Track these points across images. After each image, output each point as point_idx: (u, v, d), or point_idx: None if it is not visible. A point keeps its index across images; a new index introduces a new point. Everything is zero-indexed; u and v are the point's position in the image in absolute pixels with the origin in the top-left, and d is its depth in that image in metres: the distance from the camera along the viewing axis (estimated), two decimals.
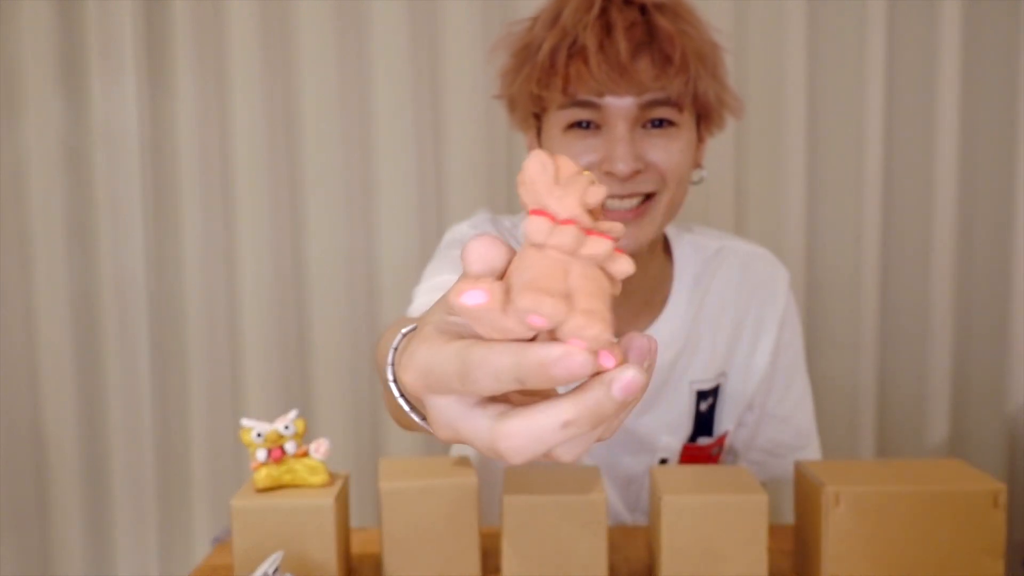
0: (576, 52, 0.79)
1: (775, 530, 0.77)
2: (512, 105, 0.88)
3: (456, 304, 0.30)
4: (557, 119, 0.83)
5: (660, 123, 0.81)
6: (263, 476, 0.71)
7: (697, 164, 0.88)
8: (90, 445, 1.50)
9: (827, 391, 1.40)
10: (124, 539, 1.50)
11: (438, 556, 0.72)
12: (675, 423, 0.95)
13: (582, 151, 0.81)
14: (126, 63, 1.42)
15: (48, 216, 1.45)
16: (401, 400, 0.41)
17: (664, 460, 0.96)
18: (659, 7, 0.80)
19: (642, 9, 0.79)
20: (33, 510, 1.51)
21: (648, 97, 0.79)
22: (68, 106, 1.45)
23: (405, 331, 0.43)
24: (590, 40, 0.77)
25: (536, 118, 0.87)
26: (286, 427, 0.71)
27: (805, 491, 0.73)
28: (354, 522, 0.84)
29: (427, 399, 0.33)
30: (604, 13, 0.79)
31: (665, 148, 0.81)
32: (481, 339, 0.31)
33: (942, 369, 1.49)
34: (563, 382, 0.29)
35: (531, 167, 0.32)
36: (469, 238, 0.45)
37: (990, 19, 1.45)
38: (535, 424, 0.30)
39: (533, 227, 0.31)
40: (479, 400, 0.32)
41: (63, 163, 1.45)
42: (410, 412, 0.41)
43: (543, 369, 0.28)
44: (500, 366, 0.29)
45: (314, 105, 1.44)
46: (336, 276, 1.48)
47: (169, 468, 1.50)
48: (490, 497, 0.97)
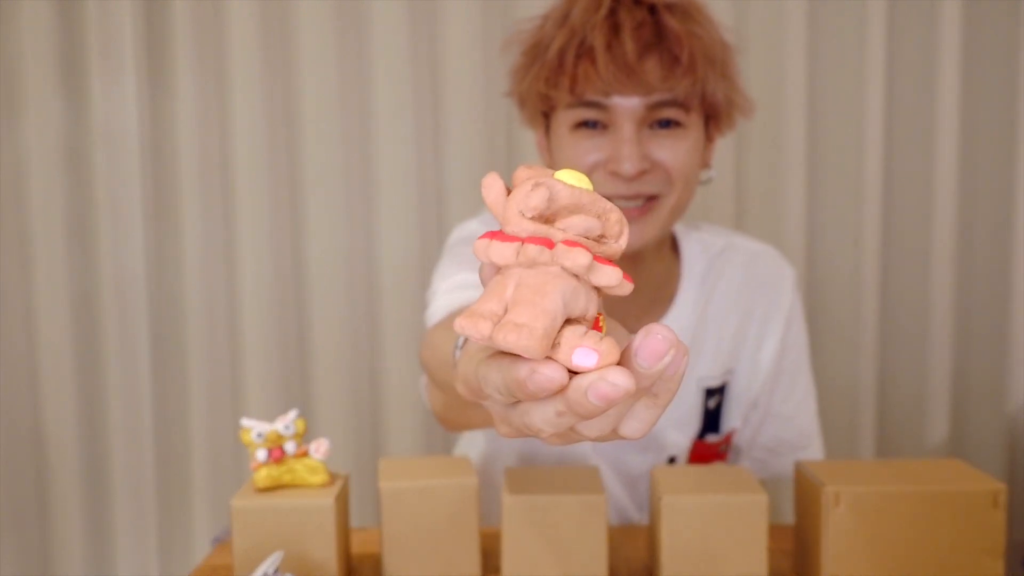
0: (584, 52, 0.79)
1: (775, 530, 0.77)
2: (522, 103, 0.89)
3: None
4: (565, 118, 0.83)
5: (667, 123, 0.81)
6: (263, 476, 0.71)
7: (705, 164, 0.89)
8: (90, 445, 1.50)
9: (827, 391, 1.40)
10: (124, 539, 1.50)
11: (438, 556, 0.72)
12: (683, 420, 0.95)
13: (589, 150, 0.82)
14: (126, 63, 1.42)
15: (48, 216, 1.45)
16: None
17: (673, 458, 0.96)
18: (669, 7, 0.80)
19: (651, 9, 0.80)
20: (33, 510, 1.50)
21: (655, 98, 0.79)
22: (68, 106, 1.44)
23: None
24: (598, 40, 0.78)
25: (545, 116, 0.88)
26: (286, 427, 0.71)
27: (805, 491, 0.73)
28: (354, 522, 0.84)
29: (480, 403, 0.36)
30: (613, 13, 0.79)
31: (672, 148, 0.81)
32: (495, 353, 0.32)
33: (942, 369, 1.49)
34: (544, 395, 0.30)
35: (483, 193, 0.33)
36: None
37: (990, 19, 1.45)
38: (540, 413, 0.31)
39: (476, 250, 0.32)
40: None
41: (63, 163, 1.45)
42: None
43: (522, 386, 0.30)
44: (495, 383, 0.32)
45: (314, 105, 1.44)
46: (336, 276, 1.48)
47: (169, 468, 1.50)
48: (490, 497, 0.97)
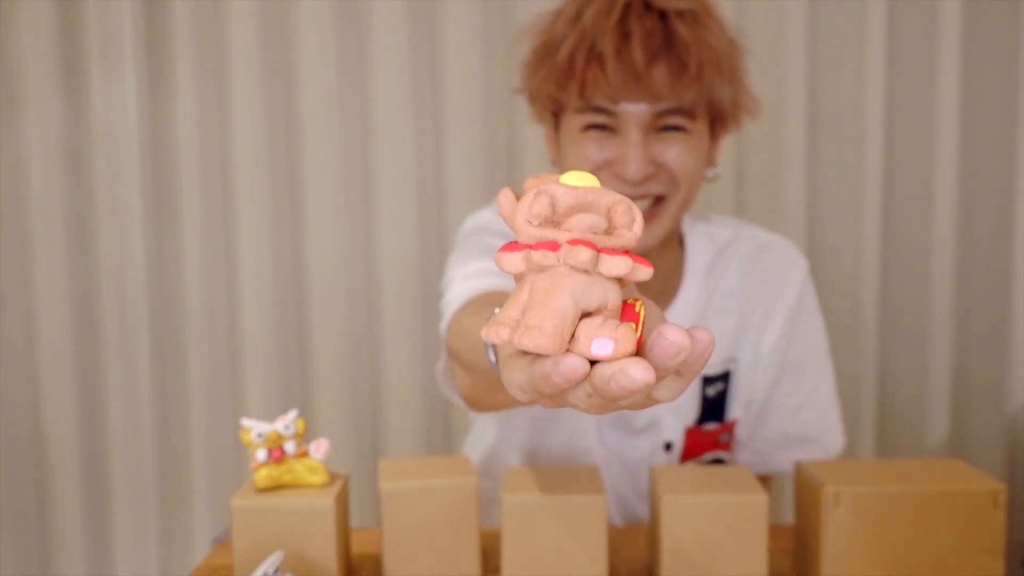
0: (594, 57, 0.80)
1: (775, 530, 0.77)
2: (532, 100, 0.90)
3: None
4: (574, 121, 0.85)
5: (674, 127, 0.83)
6: (263, 476, 0.71)
7: (711, 163, 0.90)
8: (90, 445, 1.50)
9: None
10: (124, 539, 1.50)
11: (438, 556, 0.72)
12: (679, 406, 0.95)
13: (597, 151, 0.84)
14: (126, 63, 1.42)
15: (48, 216, 1.45)
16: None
17: (669, 444, 0.96)
18: (679, 13, 0.81)
19: (662, 15, 0.81)
20: (33, 510, 1.50)
21: (662, 106, 0.81)
22: (68, 106, 1.44)
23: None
24: (608, 46, 0.79)
25: (554, 115, 0.89)
26: (286, 427, 0.71)
27: (805, 491, 0.73)
28: (354, 522, 0.84)
29: None
30: (623, 20, 0.80)
31: (677, 151, 0.83)
32: (518, 354, 0.35)
33: (942, 369, 1.49)
34: (568, 385, 0.33)
35: (498, 208, 0.35)
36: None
37: (990, 19, 1.44)
38: (574, 394, 0.34)
39: (495, 262, 0.34)
40: None
41: (63, 163, 1.45)
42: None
43: (547, 380, 0.32)
44: (519, 382, 0.35)
45: (314, 105, 1.44)
46: (336, 276, 1.47)
47: (169, 468, 1.50)
48: (490, 497, 0.97)
